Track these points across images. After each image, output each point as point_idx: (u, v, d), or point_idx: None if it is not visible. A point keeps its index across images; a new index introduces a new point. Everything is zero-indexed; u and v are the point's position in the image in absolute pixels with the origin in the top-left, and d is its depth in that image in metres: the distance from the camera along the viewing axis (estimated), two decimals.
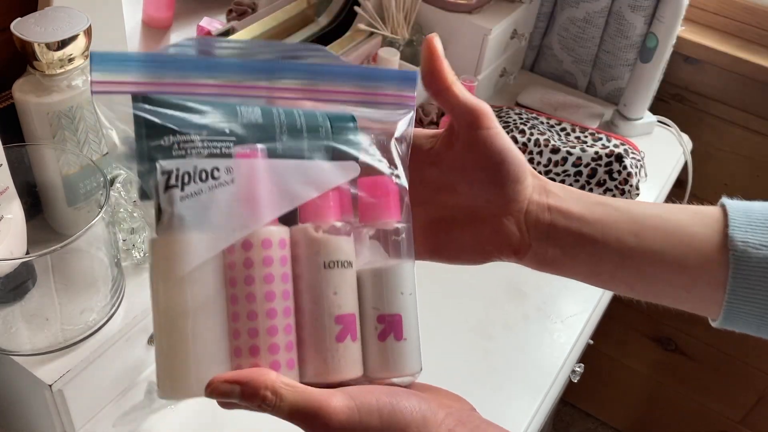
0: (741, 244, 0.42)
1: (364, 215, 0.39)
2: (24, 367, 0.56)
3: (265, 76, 0.38)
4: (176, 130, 0.34)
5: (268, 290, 0.35)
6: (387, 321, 0.40)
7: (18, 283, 0.56)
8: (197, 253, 0.34)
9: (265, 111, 0.37)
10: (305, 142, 0.37)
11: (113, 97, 0.34)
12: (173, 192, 0.34)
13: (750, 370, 1.51)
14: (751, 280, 0.42)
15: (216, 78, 0.36)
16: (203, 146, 0.35)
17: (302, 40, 1.08)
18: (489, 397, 0.80)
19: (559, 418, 1.84)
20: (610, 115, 1.23)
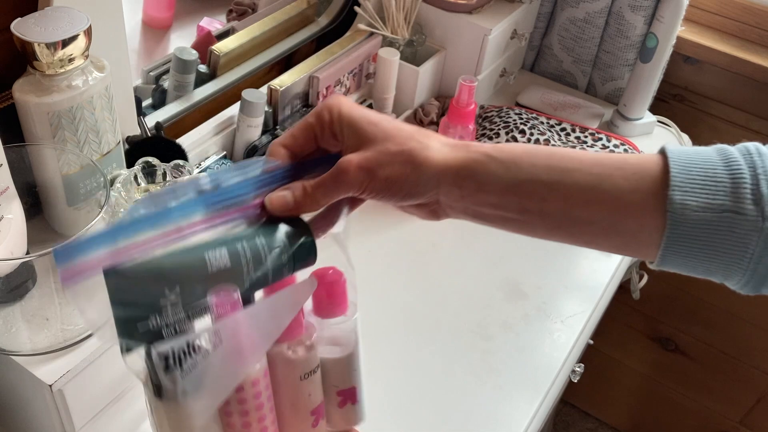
0: (679, 206, 0.43)
1: (320, 311, 0.47)
2: (24, 367, 0.56)
3: (203, 210, 0.41)
4: (153, 300, 0.37)
5: (260, 415, 0.42)
6: (345, 393, 0.49)
7: (18, 283, 0.56)
8: (202, 413, 0.39)
9: (231, 252, 0.40)
10: (269, 267, 0.41)
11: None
12: (174, 374, 0.38)
13: (750, 370, 1.51)
14: (684, 240, 0.43)
15: (174, 222, 0.39)
16: (181, 311, 0.38)
17: (302, 40, 1.08)
18: (489, 397, 0.80)
19: (559, 418, 1.84)
20: (610, 115, 1.23)
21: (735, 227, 0.43)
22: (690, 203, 0.43)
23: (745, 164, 0.43)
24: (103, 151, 0.64)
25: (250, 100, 0.89)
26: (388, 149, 0.44)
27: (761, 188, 0.42)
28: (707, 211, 0.43)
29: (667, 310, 1.56)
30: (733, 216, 0.42)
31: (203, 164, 0.89)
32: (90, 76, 0.59)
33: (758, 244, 0.43)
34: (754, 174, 0.43)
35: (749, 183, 0.42)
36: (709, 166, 0.43)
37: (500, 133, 1.06)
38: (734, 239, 0.43)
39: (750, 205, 0.42)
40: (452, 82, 1.16)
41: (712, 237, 0.43)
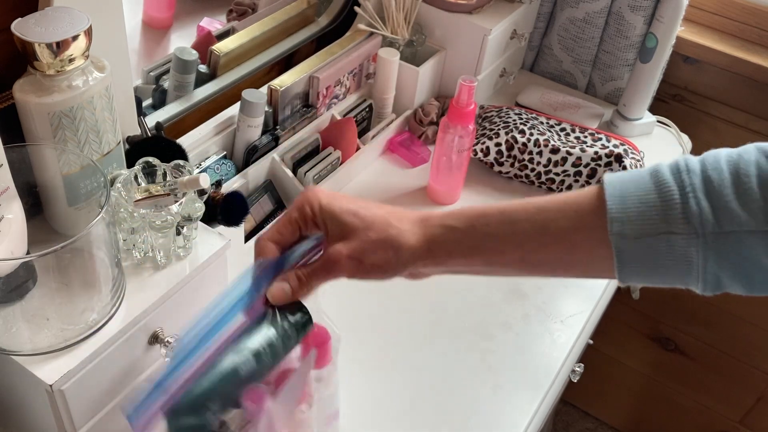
0: (618, 237, 0.47)
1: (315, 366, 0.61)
2: (24, 367, 0.56)
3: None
4: (202, 416, 0.47)
5: None
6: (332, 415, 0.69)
7: (18, 282, 0.56)
8: None
9: (255, 355, 0.50)
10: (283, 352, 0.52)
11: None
12: None
13: (750, 370, 1.51)
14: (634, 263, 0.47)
15: (203, 350, 0.49)
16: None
17: (302, 40, 1.08)
18: (489, 397, 0.80)
19: (558, 417, 1.84)
20: (609, 115, 1.24)
21: (673, 246, 0.46)
22: (627, 233, 0.46)
23: (674, 184, 0.46)
24: (103, 151, 0.64)
25: (250, 100, 0.89)
26: (370, 238, 0.51)
27: (690, 206, 0.45)
28: (645, 236, 0.46)
29: (667, 310, 1.56)
30: (669, 236, 0.46)
31: (203, 164, 0.89)
32: (90, 76, 0.59)
33: (699, 256, 0.46)
34: (683, 193, 0.46)
35: (678, 202, 0.46)
36: (643, 193, 0.47)
37: (500, 133, 1.06)
38: (676, 256, 0.46)
39: (681, 224, 0.45)
40: (452, 82, 1.16)
41: (656, 257, 0.46)
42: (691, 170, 0.46)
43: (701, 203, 0.45)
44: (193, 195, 0.63)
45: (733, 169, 0.46)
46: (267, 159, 0.93)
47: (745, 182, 0.45)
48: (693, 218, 0.45)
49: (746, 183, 0.45)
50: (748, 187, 0.45)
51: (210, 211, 0.69)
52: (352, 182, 1.05)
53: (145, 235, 0.63)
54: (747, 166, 0.46)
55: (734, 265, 0.45)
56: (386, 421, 0.76)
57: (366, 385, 0.79)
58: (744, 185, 0.45)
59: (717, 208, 0.45)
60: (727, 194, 0.45)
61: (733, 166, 0.46)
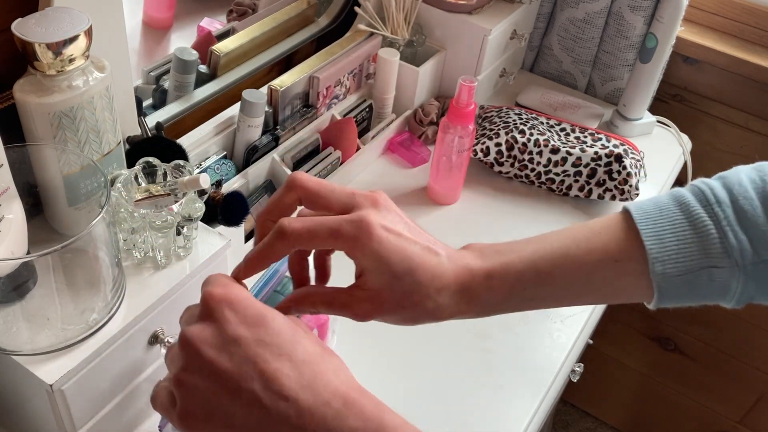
0: (661, 277, 0.47)
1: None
2: (24, 367, 0.56)
3: None
4: None
5: None
6: None
7: (19, 282, 0.56)
8: None
9: None
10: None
11: None
12: None
13: (750, 370, 1.51)
14: (674, 296, 0.49)
15: None
16: None
17: (302, 40, 1.08)
18: (489, 397, 0.80)
19: (558, 417, 1.84)
20: (609, 115, 1.24)
21: (714, 278, 0.47)
22: (669, 272, 0.47)
23: (708, 218, 0.47)
24: (103, 151, 0.64)
25: (251, 101, 0.89)
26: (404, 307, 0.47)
27: (729, 240, 0.46)
28: (687, 273, 0.47)
29: (667, 310, 1.54)
30: (711, 270, 0.47)
31: (204, 164, 0.89)
32: (90, 77, 0.59)
33: (738, 284, 0.48)
34: (719, 227, 0.47)
35: (716, 237, 0.47)
36: (679, 230, 0.48)
37: (500, 133, 1.06)
38: (716, 286, 0.48)
39: (724, 259, 0.47)
40: (452, 83, 1.16)
41: (696, 289, 0.48)
42: (721, 201, 0.47)
43: (739, 236, 0.46)
44: (194, 195, 0.63)
45: (761, 197, 0.47)
46: (267, 159, 0.93)
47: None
48: (733, 252, 0.46)
49: None
50: None
51: (210, 211, 0.69)
52: (352, 182, 1.05)
53: (146, 235, 0.63)
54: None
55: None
56: None
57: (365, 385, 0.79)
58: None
59: (754, 239, 0.46)
60: (761, 224, 0.46)
61: (760, 194, 0.47)
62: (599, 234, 0.50)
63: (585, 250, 0.49)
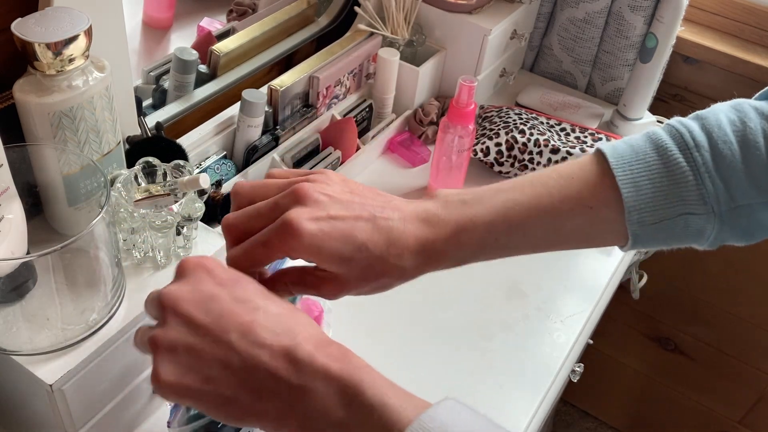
0: (638, 225, 0.46)
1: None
2: (24, 367, 0.56)
3: None
4: None
5: None
6: None
7: (19, 282, 0.56)
8: None
9: None
10: None
11: None
12: None
13: (750, 370, 1.51)
14: (649, 241, 0.48)
15: None
16: None
17: (302, 40, 1.08)
18: (489, 397, 0.80)
19: (558, 417, 1.84)
20: (609, 115, 1.24)
21: (690, 224, 0.46)
22: (646, 220, 0.46)
23: (686, 164, 0.46)
24: (103, 151, 0.64)
25: (251, 100, 0.89)
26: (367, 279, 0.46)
27: (706, 186, 0.45)
28: (663, 220, 0.46)
29: (667, 310, 1.56)
30: (687, 216, 0.46)
31: (203, 164, 0.89)
32: (90, 76, 0.59)
33: (714, 229, 0.47)
34: (696, 173, 0.46)
35: (694, 185, 0.46)
36: (656, 177, 0.46)
37: (500, 133, 1.06)
38: (691, 231, 0.47)
39: (700, 206, 0.46)
40: (452, 82, 1.16)
41: (671, 234, 0.47)
42: (700, 145, 0.46)
43: (716, 182, 0.45)
44: (193, 195, 0.63)
45: (741, 141, 0.46)
46: (267, 159, 0.93)
47: (756, 155, 0.45)
48: (710, 198, 0.45)
49: (757, 156, 0.45)
50: (759, 161, 0.45)
51: (210, 211, 0.69)
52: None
53: (145, 235, 0.63)
54: (755, 137, 0.46)
55: (742, 229, 0.47)
56: None
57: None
58: (755, 159, 0.45)
59: (730, 184, 0.45)
60: (739, 170, 0.45)
61: (740, 137, 0.46)
62: (572, 180, 0.48)
63: (558, 198, 0.48)
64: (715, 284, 1.45)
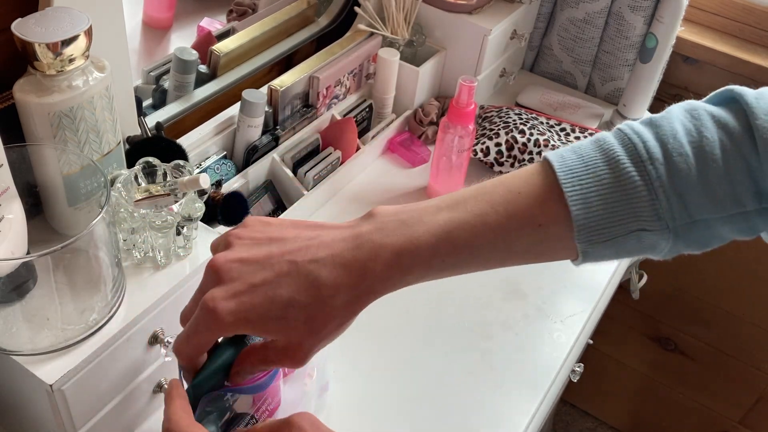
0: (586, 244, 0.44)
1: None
2: (24, 367, 0.56)
3: None
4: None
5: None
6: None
7: (19, 282, 0.56)
8: None
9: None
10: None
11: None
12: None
13: (750, 370, 1.51)
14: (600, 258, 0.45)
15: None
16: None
17: (302, 40, 1.08)
18: (489, 397, 0.80)
19: (558, 417, 1.84)
20: (609, 115, 1.24)
21: (643, 239, 0.44)
22: (595, 239, 0.44)
23: (639, 178, 0.43)
24: (103, 151, 0.64)
25: (251, 101, 0.89)
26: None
27: (660, 202, 0.43)
28: (614, 237, 0.44)
29: (667, 310, 1.56)
30: (639, 233, 0.44)
31: (204, 164, 0.89)
32: (90, 77, 0.59)
33: (668, 244, 0.44)
34: (650, 188, 0.43)
35: (648, 200, 0.43)
36: (607, 192, 0.43)
37: (500, 133, 1.06)
38: (644, 246, 0.44)
39: (654, 222, 0.43)
40: (452, 82, 1.16)
41: (623, 250, 0.45)
42: (654, 158, 0.43)
43: (671, 197, 0.43)
44: (193, 195, 0.63)
45: (697, 153, 0.43)
46: (267, 159, 0.93)
47: (713, 168, 0.43)
48: (664, 214, 0.43)
49: (714, 169, 0.43)
50: (716, 174, 0.43)
51: (210, 211, 0.69)
52: (352, 182, 1.05)
53: (145, 235, 0.63)
54: (712, 149, 0.43)
55: (698, 242, 0.45)
56: (386, 422, 0.76)
57: (365, 385, 0.79)
58: (711, 172, 0.43)
59: (686, 200, 0.43)
60: (695, 185, 0.43)
61: (697, 149, 0.43)
62: (519, 195, 0.45)
63: (505, 215, 0.44)
64: (715, 284, 1.45)
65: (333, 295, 0.43)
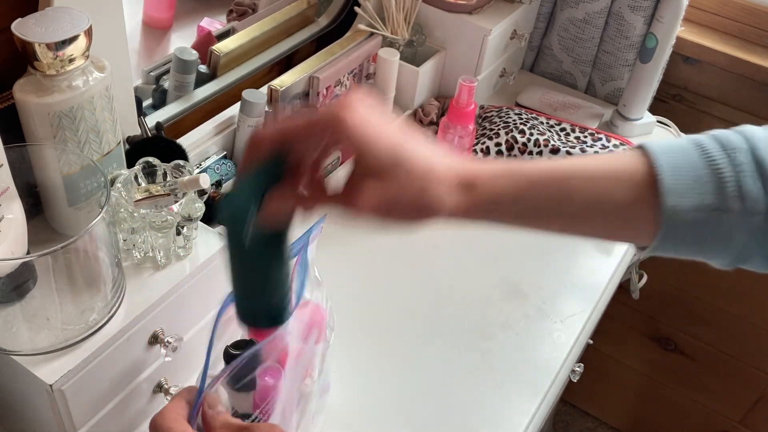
0: (672, 211, 0.45)
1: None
2: (24, 367, 0.56)
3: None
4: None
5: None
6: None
7: (19, 282, 0.57)
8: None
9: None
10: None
11: None
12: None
13: (750, 370, 1.51)
14: (678, 237, 0.47)
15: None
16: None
17: (302, 40, 1.08)
18: (489, 397, 0.80)
19: (558, 417, 1.84)
20: (609, 115, 1.24)
21: (722, 223, 0.45)
22: (683, 205, 0.45)
23: (726, 161, 0.45)
24: (103, 151, 0.64)
25: (251, 101, 0.89)
26: (408, 193, 0.46)
27: (747, 185, 0.45)
28: (697, 211, 0.45)
29: (667, 310, 1.56)
30: (720, 213, 0.45)
31: (203, 164, 0.89)
32: (90, 77, 0.59)
33: (743, 235, 0.46)
34: (736, 171, 0.45)
35: (734, 180, 0.45)
36: (693, 166, 0.46)
37: (500, 133, 1.06)
38: (721, 234, 0.46)
39: (736, 203, 0.45)
40: (452, 83, 1.16)
41: (701, 233, 0.46)
42: (738, 148, 0.46)
43: (756, 183, 0.45)
44: (194, 195, 0.63)
45: None
46: None
47: None
48: (748, 197, 0.45)
49: None
50: None
51: (210, 211, 0.69)
52: None
53: (145, 235, 0.63)
54: None
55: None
56: (386, 422, 0.76)
57: (366, 385, 0.79)
58: None
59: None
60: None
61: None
62: (614, 158, 0.48)
63: (603, 169, 0.47)
64: (715, 284, 1.45)
65: (439, 180, 0.46)
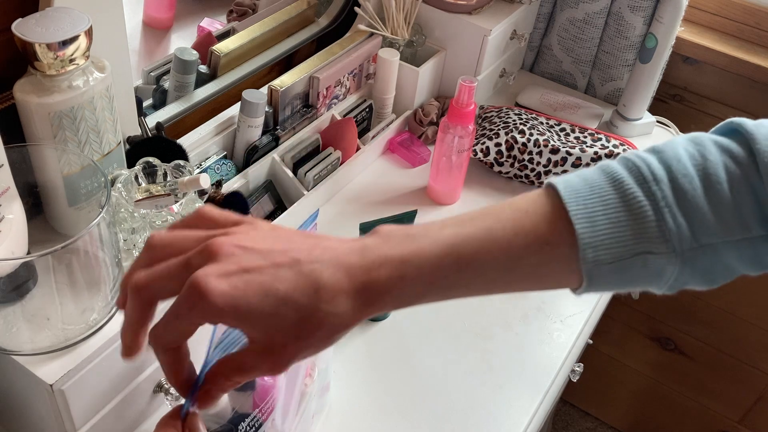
0: (593, 264, 0.43)
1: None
2: (25, 367, 0.56)
3: None
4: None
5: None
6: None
7: (19, 282, 0.57)
8: None
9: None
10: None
11: None
12: None
13: (750, 370, 1.51)
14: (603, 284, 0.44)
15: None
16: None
17: (302, 40, 1.08)
18: (489, 397, 0.80)
19: (558, 417, 1.84)
20: (609, 115, 1.24)
21: (649, 264, 0.43)
22: (602, 259, 0.43)
23: (645, 199, 0.43)
24: (103, 151, 0.64)
25: (251, 101, 0.89)
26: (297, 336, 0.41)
27: (667, 223, 0.42)
28: (619, 260, 0.43)
29: (667, 310, 1.56)
30: (646, 256, 0.43)
31: (204, 164, 0.89)
32: (91, 77, 0.59)
33: (674, 271, 0.43)
34: (656, 208, 0.42)
35: (654, 221, 0.42)
36: (612, 211, 0.43)
37: (500, 133, 1.06)
38: (650, 272, 0.43)
39: (660, 245, 0.42)
40: (452, 83, 1.17)
41: (628, 276, 0.43)
42: (659, 179, 0.43)
43: (678, 219, 0.42)
44: (194, 195, 0.63)
45: (702, 175, 0.43)
46: (267, 159, 0.93)
47: (718, 190, 0.43)
48: (672, 237, 0.42)
49: (719, 191, 0.43)
50: (722, 196, 0.43)
51: None
52: (352, 182, 1.05)
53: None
54: (716, 170, 0.43)
55: (704, 271, 0.44)
56: (386, 422, 0.76)
57: (365, 385, 0.79)
58: (717, 194, 0.43)
59: (693, 222, 0.42)
60: (701, 206, 0.43)
61: (701, 171, 0.43)
62: (527, 213, 0.44)
63: (512, 230, 0.44)
64: None
65: (330, 300, 0.40)
